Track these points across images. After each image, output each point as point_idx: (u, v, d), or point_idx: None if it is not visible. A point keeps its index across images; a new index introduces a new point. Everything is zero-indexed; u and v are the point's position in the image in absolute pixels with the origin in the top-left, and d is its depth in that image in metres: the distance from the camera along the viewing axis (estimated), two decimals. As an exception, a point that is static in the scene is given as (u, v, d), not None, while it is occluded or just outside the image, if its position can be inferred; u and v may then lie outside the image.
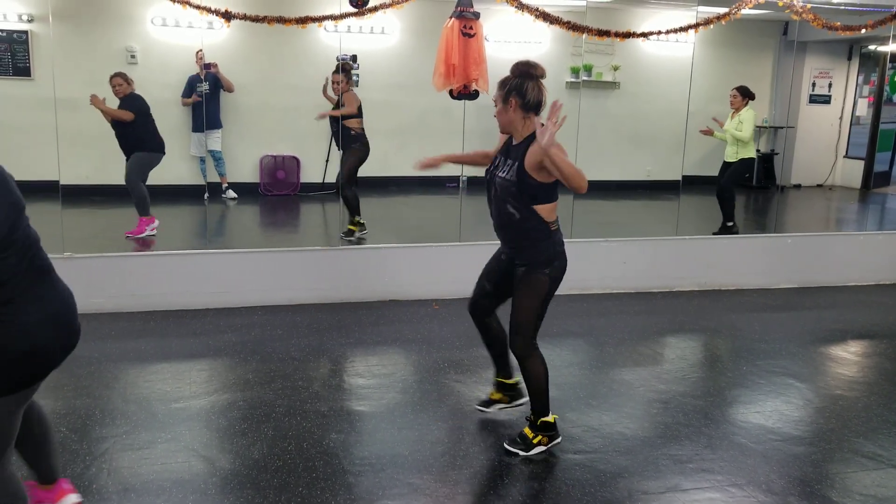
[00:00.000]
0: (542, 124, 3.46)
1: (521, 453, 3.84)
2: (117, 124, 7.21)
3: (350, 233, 7.51)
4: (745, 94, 8.24)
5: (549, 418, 3.90)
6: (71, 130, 7.11)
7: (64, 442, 3.81)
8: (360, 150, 7.64)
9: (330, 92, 7.84)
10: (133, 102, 7.30)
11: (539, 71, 3.71)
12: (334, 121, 7.69)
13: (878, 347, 5.80)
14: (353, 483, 3.55)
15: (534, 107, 3.67)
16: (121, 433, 3.95)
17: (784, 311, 6.66)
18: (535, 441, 3.87)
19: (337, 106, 7.57)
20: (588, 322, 6.05)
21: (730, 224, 8.18)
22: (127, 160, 7.29)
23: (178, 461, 3.70)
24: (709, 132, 8.45)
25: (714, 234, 8.05)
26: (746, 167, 8.47)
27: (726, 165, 8.43)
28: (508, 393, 4.28)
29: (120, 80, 7.27)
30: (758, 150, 9.87)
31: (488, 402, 4.32)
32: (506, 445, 3.90)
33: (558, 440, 3.93)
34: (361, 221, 7.59)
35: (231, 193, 9.59)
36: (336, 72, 7.61)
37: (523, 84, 3.66)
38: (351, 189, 7.57)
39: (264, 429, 4.06)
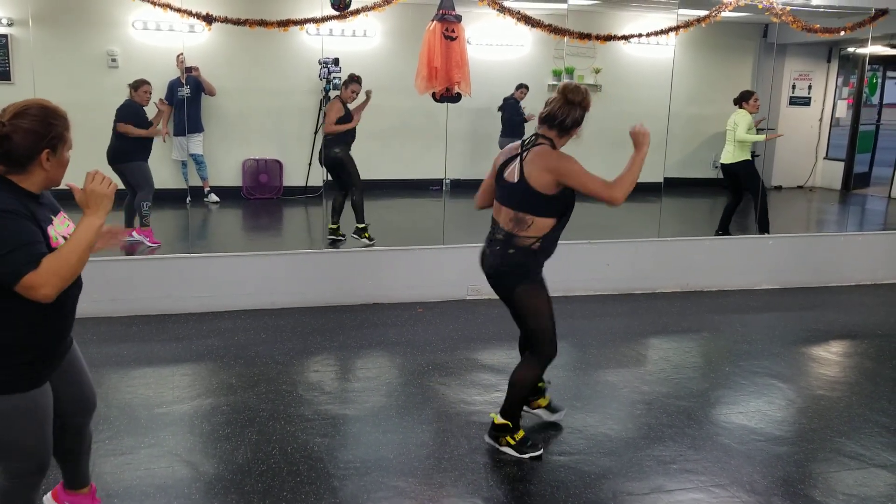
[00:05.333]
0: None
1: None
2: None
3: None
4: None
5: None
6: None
7: (45, 448, 3.77)
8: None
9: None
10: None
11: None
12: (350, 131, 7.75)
13: (858, 347, 5.85)
14: (337, 487, 3.54)
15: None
16: (103, 439, 3.92)
17: (765, 312, 6.70)
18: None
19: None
20: (571, 324, 6.06)
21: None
22: (119, 167, 7.23)
23: (162, 466, 3.68)
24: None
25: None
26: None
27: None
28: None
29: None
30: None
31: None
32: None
33: (536, 453, 3.91)
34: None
35: (213, 197, 9.54)
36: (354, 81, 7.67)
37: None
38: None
39: (248, 433, 4.04)
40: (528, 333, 3.89)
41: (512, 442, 3.89)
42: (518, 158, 3.74)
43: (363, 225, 7.56)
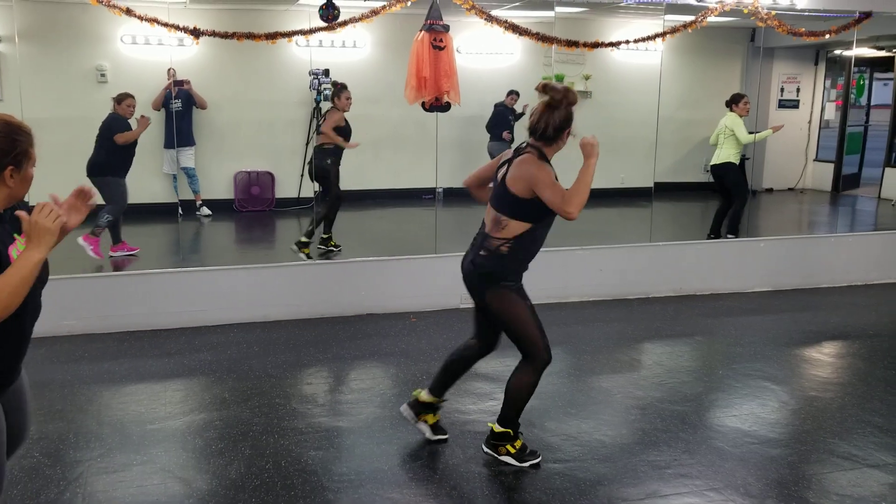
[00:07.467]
0: None
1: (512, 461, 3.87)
2: (114, 145, 7.21)
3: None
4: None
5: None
6: (40, 150, 7.01)
7: (37, 467, 3.76)
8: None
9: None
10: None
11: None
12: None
13: (851, 348, 5.87)
14: (332, 500, 3.53)
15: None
16: (95, 456, 3.90)
17: (758, 314, 6.71)
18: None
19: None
20: (565, 330, 6.07)
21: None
22: (97, 180, 7.22)
23: (155, 483, 3.66)
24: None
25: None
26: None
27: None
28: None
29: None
30: None
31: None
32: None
33: (535, 460, 3.91)
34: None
35: (205, 210, 9.53)
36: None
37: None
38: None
39: (241, 448, 4.03)
40: (515, 343, 3.81)
41: (512, 450, 3.87)
42: (508, 162, 3.76)
43: (306, 241, 7.38)
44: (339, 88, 7.64)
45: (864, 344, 5.90)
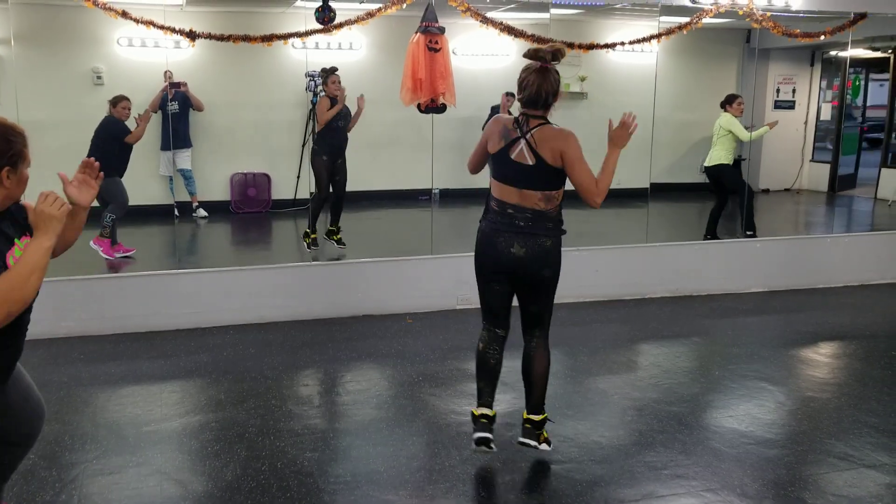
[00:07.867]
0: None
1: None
2: (109, 147, 7.16)
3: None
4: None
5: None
6: (36, 153, 6.99)
7: (33, 469, 3.75)
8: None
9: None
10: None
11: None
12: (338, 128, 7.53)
13: (847, 349, 5.88)
14: (328, 502, 3.53)
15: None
16: (91, 458, 3.89)
17: (755, 315, 6.72)
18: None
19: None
20: (562, 331, 6.05)
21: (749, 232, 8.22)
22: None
23: (150, 485, 3.66)
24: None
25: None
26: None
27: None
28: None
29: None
30: None
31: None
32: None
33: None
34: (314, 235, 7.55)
35: (201, 212, 9.52)
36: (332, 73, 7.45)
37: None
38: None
39: (237, 449, 4.02)
40: (541, 314, 3.87)
41: (546, 435, 3.94)
42: (523, 140, 3.70)
43: (309, 230, 7.46)
44: (328, 73, 7.47)
45: (861, 344, 5.91)
